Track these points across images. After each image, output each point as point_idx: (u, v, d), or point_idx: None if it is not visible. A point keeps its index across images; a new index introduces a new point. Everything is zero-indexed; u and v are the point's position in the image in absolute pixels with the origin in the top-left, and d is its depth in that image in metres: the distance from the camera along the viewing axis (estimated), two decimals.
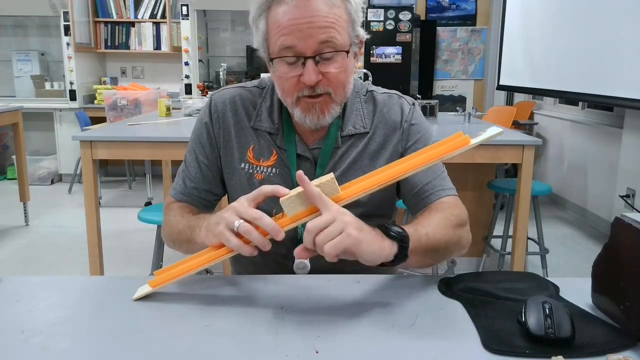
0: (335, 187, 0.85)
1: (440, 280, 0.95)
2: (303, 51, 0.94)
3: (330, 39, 0.94)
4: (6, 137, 5.49)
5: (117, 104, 3.90)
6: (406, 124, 1.11)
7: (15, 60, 5.41)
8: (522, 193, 2.48)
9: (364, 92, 1.14)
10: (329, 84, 0.98)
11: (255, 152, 1.10)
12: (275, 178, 1.08)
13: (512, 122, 4.37)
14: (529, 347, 0.72)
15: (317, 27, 0.92)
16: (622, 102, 3.06)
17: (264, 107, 1.11)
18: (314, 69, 0.94)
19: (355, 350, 0.73)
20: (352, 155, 1.09)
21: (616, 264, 0.80)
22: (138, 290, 0.89)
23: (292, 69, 0.96)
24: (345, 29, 0.97)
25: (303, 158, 1.08)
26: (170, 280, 0.88)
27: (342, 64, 0.97)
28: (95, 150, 2.37)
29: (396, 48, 4.79)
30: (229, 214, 0.87)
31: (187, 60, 5.09)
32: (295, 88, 0.98)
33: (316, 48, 0.94)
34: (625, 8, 3.03)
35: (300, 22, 0.92)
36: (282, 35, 0.94)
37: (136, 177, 5.33)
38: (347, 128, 1.09)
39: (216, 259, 0.88)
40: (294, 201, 0.84)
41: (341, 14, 0.96)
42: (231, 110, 1.12)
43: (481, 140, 0.85)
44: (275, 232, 0.83)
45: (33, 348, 0.73)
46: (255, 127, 1.10)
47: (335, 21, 0.94)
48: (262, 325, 0.79)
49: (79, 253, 2.86)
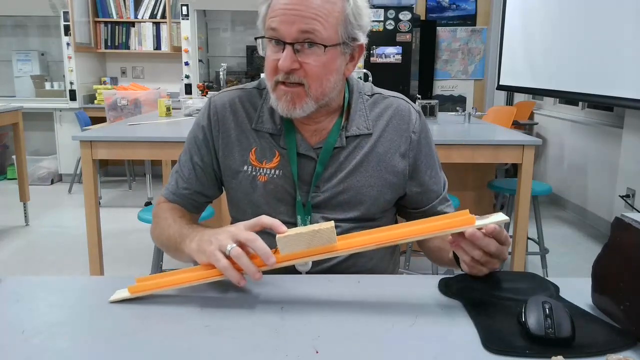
0: (333, 236, 0.85)
1: (440, 280, 0.95)
2: (284, 36, 0.97)
3: (312, 31, 0.96)
4: (6, 137, 5.49)
5: (117, 104, 3.90)
6: (414, 135, 1.13)
7: (15, 60, 5.41)
8: (522, 193, 2.48)
9: (369, 93, 1.15)
10: (305, 75, 0.99)
11: (258, 154, 1.10)
12: (279, 180, 1.08)
13: (512, 122, 4.37)
14: (529, 347, 0.72)
15: (302, 16, 0.95)
16: (622, 102, 3.06)
17: (265, 108, 1.11)
18: (290, 55, 0.97)
19: (355, 350, 0.73)
20: (359, 156, 1.09)
21: (616, 264, 0.80)
22: (116, 293, 0.88)
23: (274, 52, 0.99)
24: (334, 26, 0.98)
25: (307, 157, 1.09)
26: (150, 290, 0.88)
27: (322, 58, 0.98)
28: (95, 150, 2.37)
29: (396, 48, 4.79)
30: (224, 236, 0.88)
31: (187, 60, 5.09)
32: (274, 71, 1.00)
33: (296, 36, 0.96)
34: (625, 8, 3.03)
35: (289, 9, 0.96)
36: (271, 17, 0.98)
37: (136, 177, 5.32)
38: (352, 129, 1.10)
39: (203, 279, 0.88)
40: (290, 240, 0.85)
41: (333, 10, 0.98)
42: (231, 112, 1.12)
43: (485, 224, 0.86)
44: (267, 257, 0.84)
45: (33, 348, 0.73)
46: (257, 128, 1.10)
47: (322, 15, 0.96)
48: (262, 325, 0.79)
49: (79, 253, 2.86)
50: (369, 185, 1.09)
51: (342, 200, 1.09)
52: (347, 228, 1.08)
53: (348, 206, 1.09)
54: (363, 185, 1.09)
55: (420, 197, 1.16)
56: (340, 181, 1.08)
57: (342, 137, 1.09)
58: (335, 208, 1.09)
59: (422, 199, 1.16)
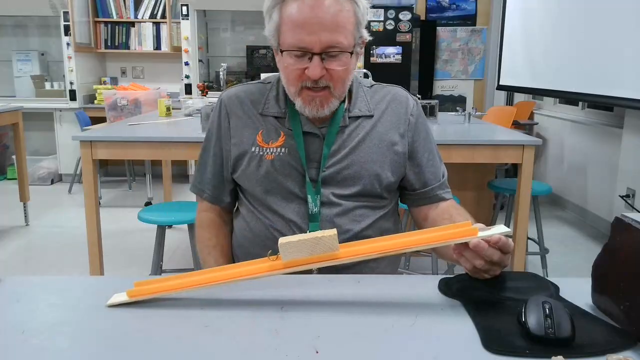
0: (335, 244, 0.86)
1: (440, 280, 0.95)
2: (311, 47, 1.03)
3: (337, 40, 1.03)
4: (6, 137, 5.48)
5: (117, 104, 3.90)
6: (412, 117, 1.21)
7: (15, 60, 5.41)
8: (522, 193, 2.48)
9: (368, 85, 1.23)
10: (331, 79, 1.07)
11: (264, 135, 1.17)
12: (285, 157, 1.15)
13: (512, 122, 4.37)
14: (529, 347, 0.72)
15: (326, 29, 1.02)
16: (622, 102, 3.06)
17: (271, 96, 1.20)
18: (319, 64, 1.04)
19: (355, 350, 0.73)
20: (360, 134, 1.17)
21: (616, 264, 0.80)
22: (113, 297, 0.87)
23: (298, 61, 1.05)
24: (351, 32, 1.06)
25: (311, 135, 1.15)
26: (148, 294, 0.87)
27: (345, 62, 1.07)
28: (95, 150, 2.37)
29: (396, 48, 4.79)
30: None
31: (187, 60, 5.09)
32: (300, 79, 1.07)
33: (323, 46, 1.03)
34: (625, 8, 3.03)
35: (312, 22, 1.02)
36: (294, 31, 1.03)
37: (136, 177, 5.32)
38: (354, 110, 1.18)
39: (203, 284, 0.88)
40: (292, 247, 0.85)
41: (349, 16, 1.05)
42: (239, 103, 1.21)
43: (488, 235, 0.87)
44: None
45: (33, 348, 0.73)
46: (264, 113, 1.19)
47: (342, 24, 1.03)
48: (262, 325, 0.79)
49: (79, 253, 2.86)
50: (371, 161, 1.16)
51: (347, 175, 1.15)
52: (352, 207, 1.15)
53: (352, 181, 1.15)
54: (366, 160, 1.15)
55: (418, 178, 1.22)
56: (344, 156, 1.15)
57: (345, 118, 1.16)
58: (339, 183, 1.15)
59: (421, 179, 1.22)
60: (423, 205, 1.24)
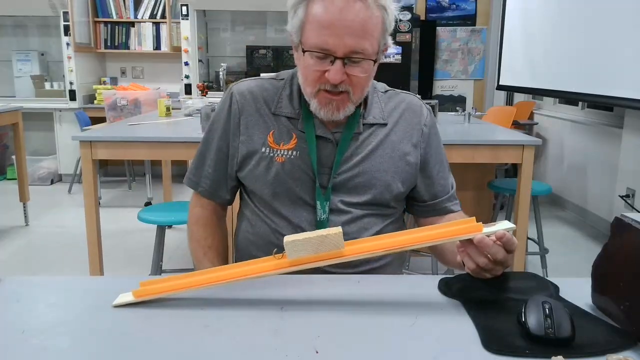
0: (340, 242, 0.86)
1: (440, 280, 0.95)
2: (334, 51, 0.99)
3: (363, 47, 1.00)
4: (6, 137, 5.48)
5: (117, 104, 3.89)
6: (425, 128, 1.19)
7: (15, 60, 5.41)
8: (522, 193, 2.48)
9: (382, 90, 1.21)
10: (351, 84, 1.04)
11: (275, 136, 1.14)
12: (296, 160, 1.12)
13: (512, 122, 4.37)
14: (529, 347, 0.72)
15: (353, 33, 0.98)
16: (622, 102, 3.06)
17: (284, 94, 1.16)
18: (340, 69, 1.00)
19: (355, 350, 0.73)
20: (374, 142, 1.14)
21: (616, 264, 0.80)
22: (119, 297, 0.87)
23: (320, 63, 1.02)
24: (377, 39, 1.03)
25: (324, 139, 1.13)
26: (155, 294, 0.87)
27: (367, 69, 1.04)
28: (95, 150, 2.37)
29: (396, 48, 4.79)
30: None
31: (187, 60, 5.09)
32: (318, 80, 1.04)
33: (347, 51, 1.00)
34: (625, 8, 3.03)
35: (339, 25, 0.98)
36: (319, 32, 0.99)
37: (136, 177, 5.32)
38: (369, 117, 1.15)
39: (209, 284, 0.88)
40: (298, 245, 0.85)
41: (377, 23, 1.02)
42: (252, 99, 1.16)
43: (492, 232, 0.87)
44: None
45: (33, 348, 0.73)
46: (276, 112, 1.15)
47: (369, 31, 1.00)
48: (262, 325, 0.79)
49: (79, 253, 2.86)
50: (383, 170, 1.13)
51: (358, 183, 1.13)
52: (361, 215, 1.13)
53: (363, 189, 1.13)
54: (378, 169, 1.13)
55: (427, 190, 1.20)
56: (356, 164, 1.13)
57: (359, 124, 1.14)
58: (350, 191, 1.13)
59: (430, 191, 1.20)
60: (430, 217, 1.22)
